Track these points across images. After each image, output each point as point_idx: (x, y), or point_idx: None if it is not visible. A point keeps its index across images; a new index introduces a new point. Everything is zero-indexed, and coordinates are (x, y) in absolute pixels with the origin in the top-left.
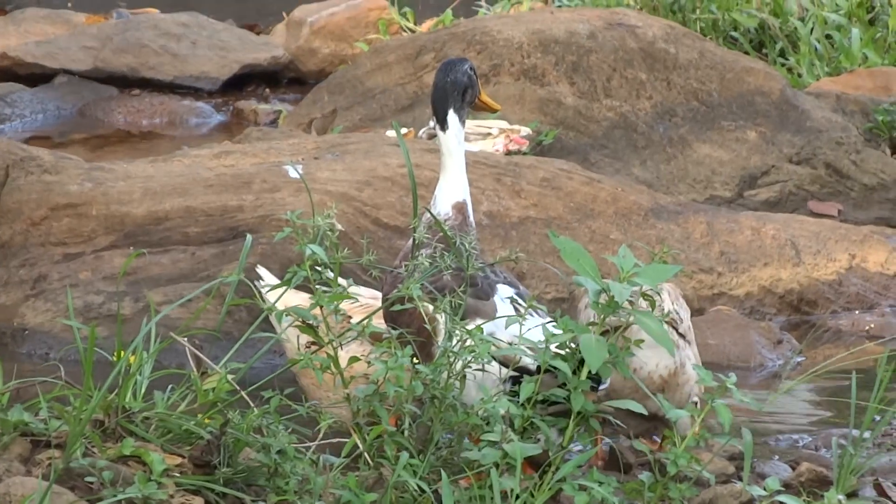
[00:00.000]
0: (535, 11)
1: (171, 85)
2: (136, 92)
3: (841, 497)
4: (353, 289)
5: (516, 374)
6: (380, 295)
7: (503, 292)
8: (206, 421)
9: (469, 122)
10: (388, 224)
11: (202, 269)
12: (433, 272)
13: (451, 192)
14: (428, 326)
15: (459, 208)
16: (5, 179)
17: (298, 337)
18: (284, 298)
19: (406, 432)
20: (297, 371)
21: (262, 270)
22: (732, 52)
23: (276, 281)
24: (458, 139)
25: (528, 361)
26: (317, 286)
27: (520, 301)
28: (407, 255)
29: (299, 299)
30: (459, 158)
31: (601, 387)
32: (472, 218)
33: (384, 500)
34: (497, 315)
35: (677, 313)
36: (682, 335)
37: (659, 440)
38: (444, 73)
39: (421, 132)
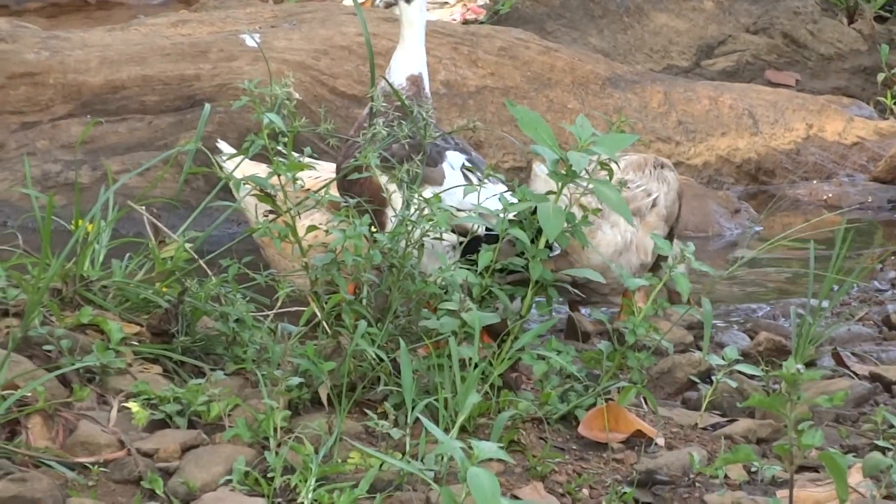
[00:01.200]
0: None
1: None
2: None
3: (799, 366)
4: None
5: (465, 240)
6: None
7: (453, 159)
8: (164, 290)
9: None
10: (346, 93)
11: (159, 138)
12: (387, 141)
13: (407, 64)
14: (385, 195)
15: (414, 80)
16: None
17: (256, 206)
18: (245, 169)
19: (364, 301)
20: (260, 241)
21: (222, 144)
22: None
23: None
24: (421, 10)
25: (480, 229)
26: (274, 155)
27: (473, 168)
28: (362, 125)
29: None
30: (420, 30)
31: (553, 253)
32: (427, 90)
33: (342, 369)
34: (445, 182)
35: (623, 183)
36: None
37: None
38: None
39: (378, 1)
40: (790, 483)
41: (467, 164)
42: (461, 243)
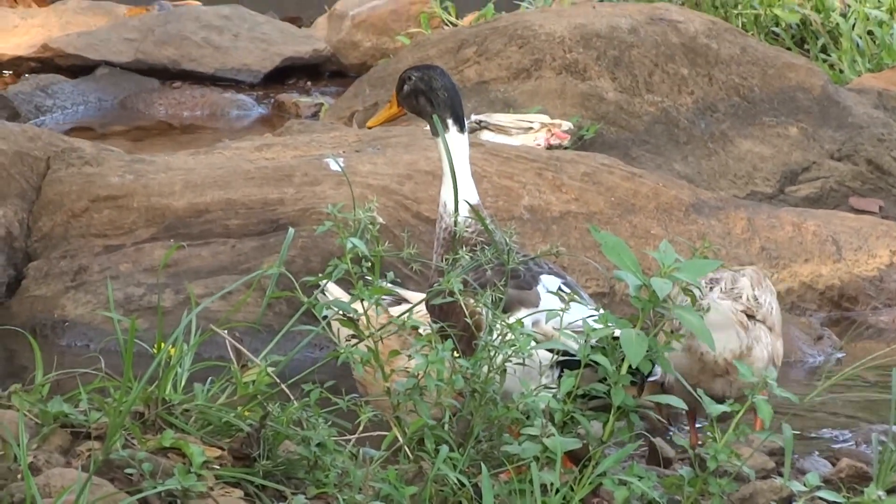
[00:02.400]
0: (577, 6)
1: (213, 77)
2: (177, 84)
3: (881, 493)
4: (403, 293)
5: (564, 359)
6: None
7: (548, 282)
8: (246, 413)
9: (511, 116)
10: (429, 218)
11: (242, 262)
12: (476, 267)
13: (466, 196)
14: (469, 320)
15: (475, 210)
16: (46, 171)
17: (339, 330)
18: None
19: (446, 426)
20: (359, 377)
21: (331, 286)
22: (774, 48)
23: (339, 293)
24: (461, 138)
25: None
26: (358, 280)
27: (567, 291)
28: (440, 251)
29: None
30: (465, 159)
31: (652, 378)
32: (489, 217)
33: (424, 494)
34: (541, 304)
35: (755, 299)
36: (759, 320)
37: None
38: (447, 77)
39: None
40: None
41: (563, 287)
42: (559, 362)
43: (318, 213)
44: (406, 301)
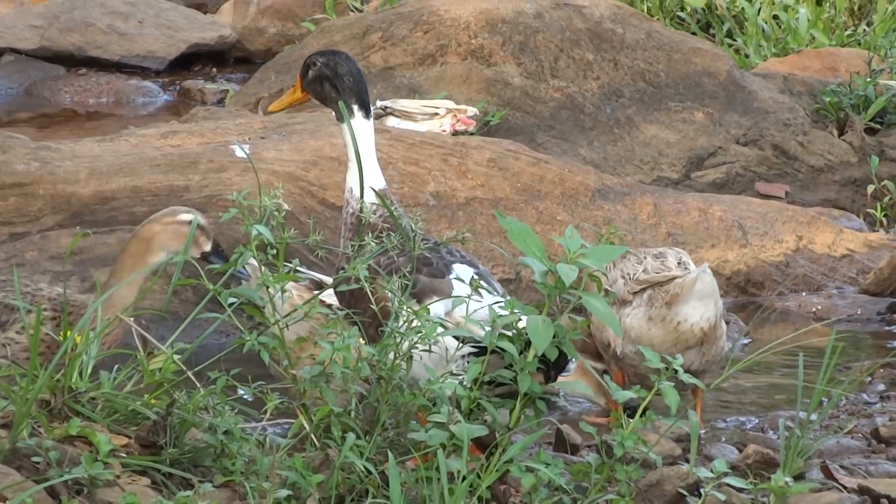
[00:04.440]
0: None
1: (118, 64)
2: (82, 71)
3: (788, 479)
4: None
5: (474, 347)
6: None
7: (460, 271)
8: (153, 401)
9: (416, 102)
10: (335, 204)
11: None
12: (385, 254)
13: (372, 181)
14: (374, 307)
15: (383, 195)
16: None
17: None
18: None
19: (352, 413)
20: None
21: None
22: (679, 33)
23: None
24: (367, 124)
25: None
26: (263, 267)
27: (479, 280)
28: (346, 236)
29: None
30: (371, 144)
31: (567, 372)
32: (397, 203)
33: (330, 482)
34: (453, 293)
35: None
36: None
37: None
38: (352, 62)
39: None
40: None
41: (476, 276)
42: (475, 353)
43: (224, 200)
44: (325, 285)
